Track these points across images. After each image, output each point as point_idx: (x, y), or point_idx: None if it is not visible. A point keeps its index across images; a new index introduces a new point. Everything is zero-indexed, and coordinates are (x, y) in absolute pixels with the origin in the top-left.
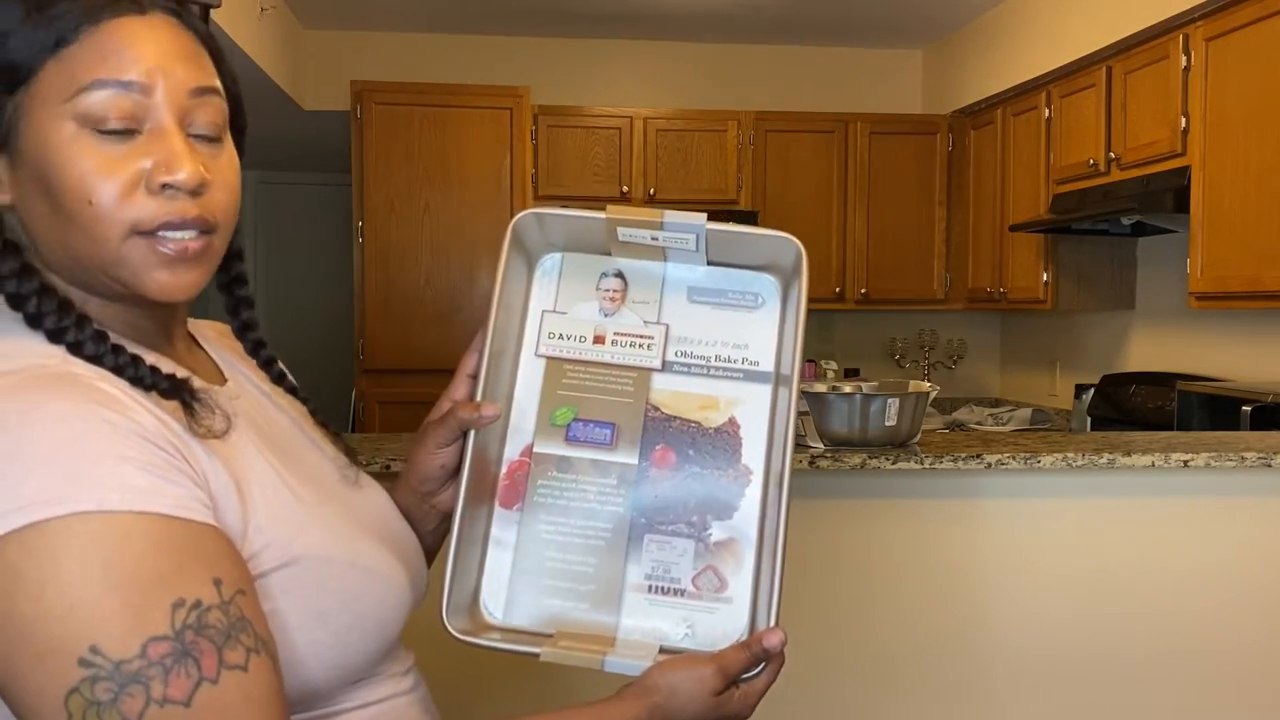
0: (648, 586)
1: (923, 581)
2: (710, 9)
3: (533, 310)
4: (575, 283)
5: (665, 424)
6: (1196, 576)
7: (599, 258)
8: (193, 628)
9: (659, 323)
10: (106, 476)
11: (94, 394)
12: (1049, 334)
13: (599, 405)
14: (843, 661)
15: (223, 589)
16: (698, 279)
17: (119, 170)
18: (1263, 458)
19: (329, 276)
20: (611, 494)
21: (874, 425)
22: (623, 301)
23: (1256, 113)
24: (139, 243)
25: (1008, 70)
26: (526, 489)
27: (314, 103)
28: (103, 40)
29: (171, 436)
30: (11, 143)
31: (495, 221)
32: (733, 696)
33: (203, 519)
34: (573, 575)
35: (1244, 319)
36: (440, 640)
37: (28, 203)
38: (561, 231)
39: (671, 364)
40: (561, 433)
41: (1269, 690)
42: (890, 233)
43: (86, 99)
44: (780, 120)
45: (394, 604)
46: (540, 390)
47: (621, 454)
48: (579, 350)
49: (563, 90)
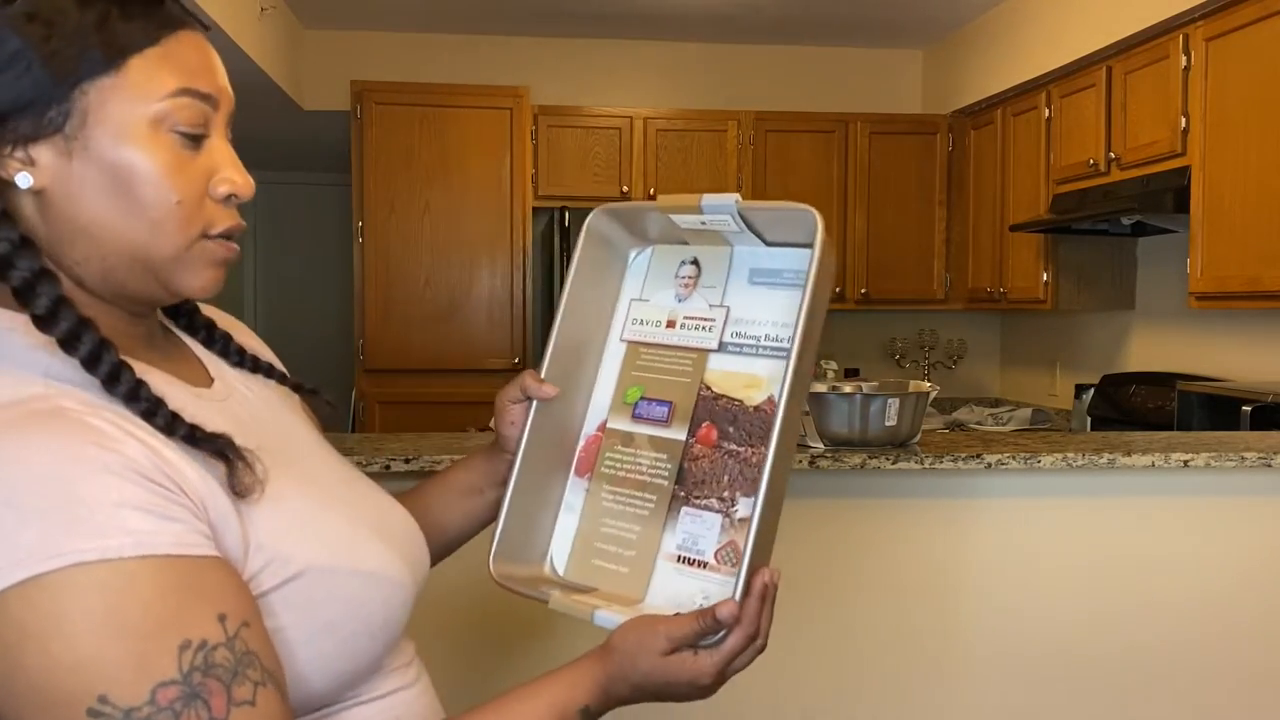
0: (677, 556)
1: (923, 581)
2: (710, 9)
3: (622, 299)
4: (660, 272)
5: (713, 402)
6: (1196, 576)
7: (681, 248)
8: (200, 669)
9: (722, 305)
10: (106, 523)
11: (85, 433)
12: (1049, 334)
13: (662, 385)
14: (842, 661)
15: (228, 624)
16: (758, 260)
17: (193, 174)
18: (1263, 458)
19: (329, 276)
20: (661, 467)
21: (874, 425)
22: (695, 287)
23: (1256, 113)
24: (208, 245)
25: (1008, 70)
26: (597, 461)
27: (314, 103)
28: (183, 49)
29: (164, 466)
30: (71, 129)
31: (495, 221)
32: (686, 659)
33: (204, 551)
34: (620, 541)
35: (1244, 319)
36: (439, 622)
37: (78, 192)
38: (654, 228)
39: (727, 345)
40: (630, 410)
41: (1269, 690)
42: (890, 233)
43: (174, 103)
44: (780, 120)
45: (399, 604)
46: (619, 371)
47: (674, 430)
48: (653, 334)
49: (563, 90)
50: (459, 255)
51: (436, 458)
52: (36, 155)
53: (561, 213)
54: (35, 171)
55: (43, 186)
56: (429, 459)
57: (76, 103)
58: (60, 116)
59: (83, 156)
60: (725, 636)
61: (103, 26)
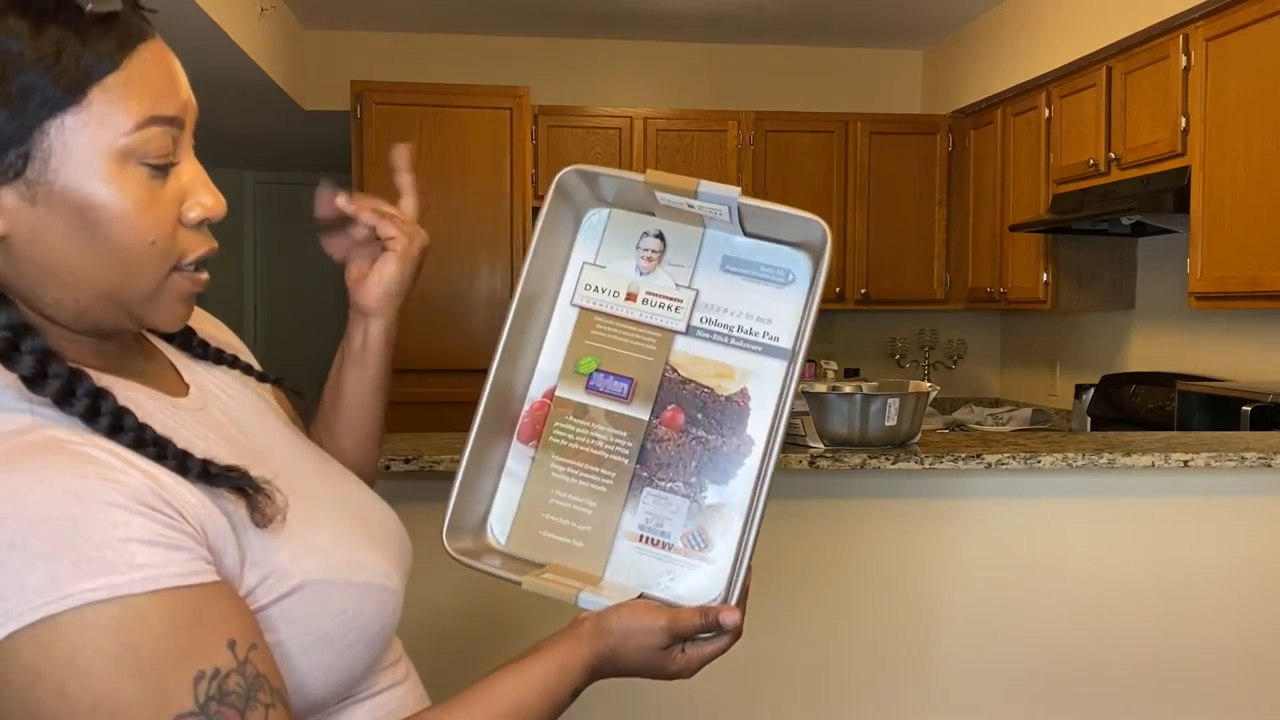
0: (639, 536)
1: (923, 581)
2: (710, 9)
3: (574, 261)
4: (617, 239)
5: (680, 385)
6: (1197, 576)
7: (642, 217)
8: (215, 698)
9: (690, 287)
10: (114, 559)
11: (84, 465)
12: (1049, 334)
13: (621, 359)
14: (842, 660)
15: (237, 650)
16: (733, 249)
17: (166, 206)
18: (1263, 458)
19: (329, 276)
20: (620, 445)
21: (874, 425)
22: (659, 263)
23: (1256, 113)
24: (177, 278)
25: (1008, 70)
26: (544, 429)
27: (314, 103)
28: (144, 70)
29: (164, 493)
30: (32, 173)
31: (495, 221)
32: (676, 655)
33: (209, 578)
34: (573, 515)
35: (1244, 319)
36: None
37: (44, 236)
38: (610, 189)
39: (695, 329)
40: (583, 381)
41: (1269, 689)
42: (890, 233)
43: (141, 135)
44: (780, 120)
45: (391, 609)
46: (570, 338)
47: (635, 409)
48: (610, 305)
49: (563, 90)
50: (459, 255)
51: (436, 458)
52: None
53: None
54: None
55: (6, 233)
56: (429, 459)
57: (37, 144)
58: (20, 160)
59: (47, 200)
60: (716, 636)
61: (59, 58)
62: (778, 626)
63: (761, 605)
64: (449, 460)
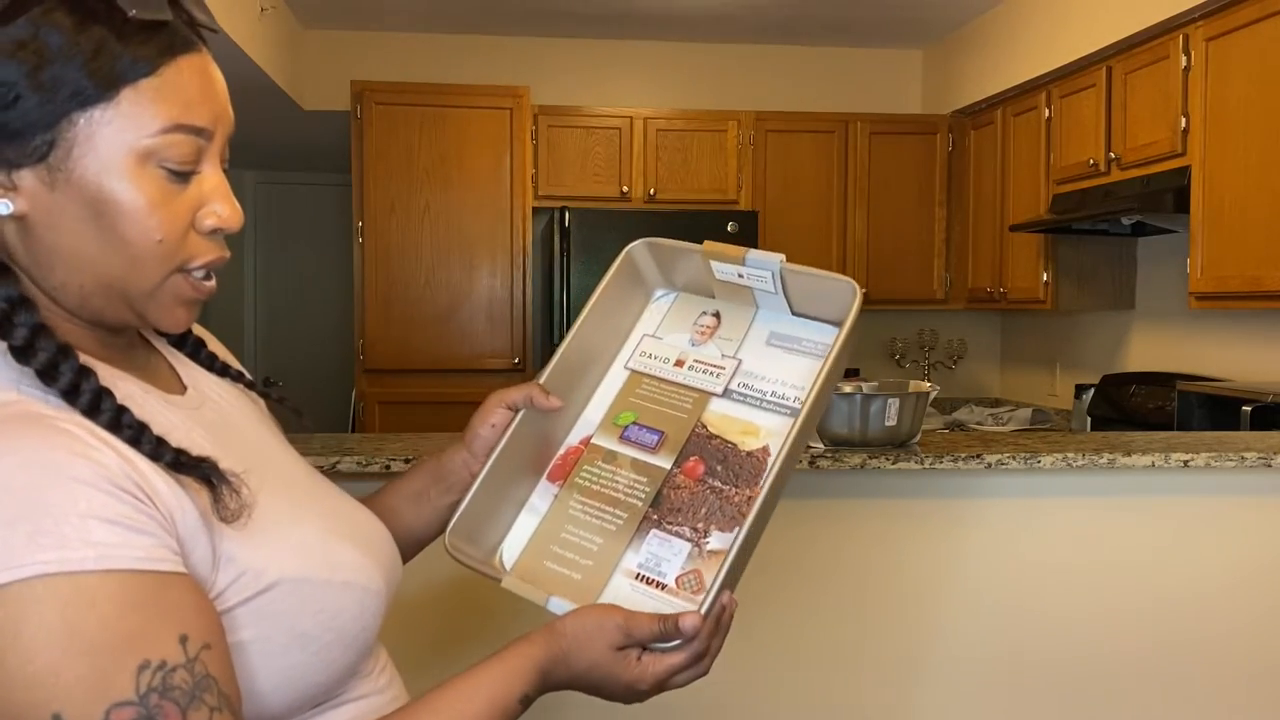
0: (636, 574)
1: (923, 581)
2: (710, 9)
3: (636, 331)
4: (679, 317)
5: (706, 440)
6: (1197, 576)
7: (704, 300)
8: (158, 690)
9: (735, 357)
10: (70, 534)
11: (58, 438)
12: (1049, 334)
13: (657, 415)
14: (842, 660)
15: (189, 645)
16: (780, 326)
17: (181, 210)
18: (1263, 458)
19: (329, 276)
20: (639, 489)
21: (874, 425)
22: (711, 337)
23: (1257, 113)
24: (178, 279)
25: (1008, 70)
26: (573, 471)
27: (314, 103)
28: (180, 79)
29: (136, 477)
30: (55, 159)
31: (495, 221)
32: (632, 659)
33: (170, 568)
34: (579, 549)
35: (1244, 319)
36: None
37: (58, 221)
38: (679, 272)
39: (732, 391)
40: (619, 431)
41: (1269, 689)
42: (890, 233)
43: (164, 140)
44: (780, 120)
45: (373, 612)
46: (616, 395)
47: (660, 458)
48: (659, 369)
49: (563, 90)
50: (459, 255)
51: None
52: (19, 181)
53: (561, 213)
54: (16, 197)
55: (23, 213)
56: None
57: (64, 132)
58: (45, 145)
59: (65, 186)
60: (677, 647)
61: (97, 56)
62: (776, 626)
63: (760, 604)
64: None
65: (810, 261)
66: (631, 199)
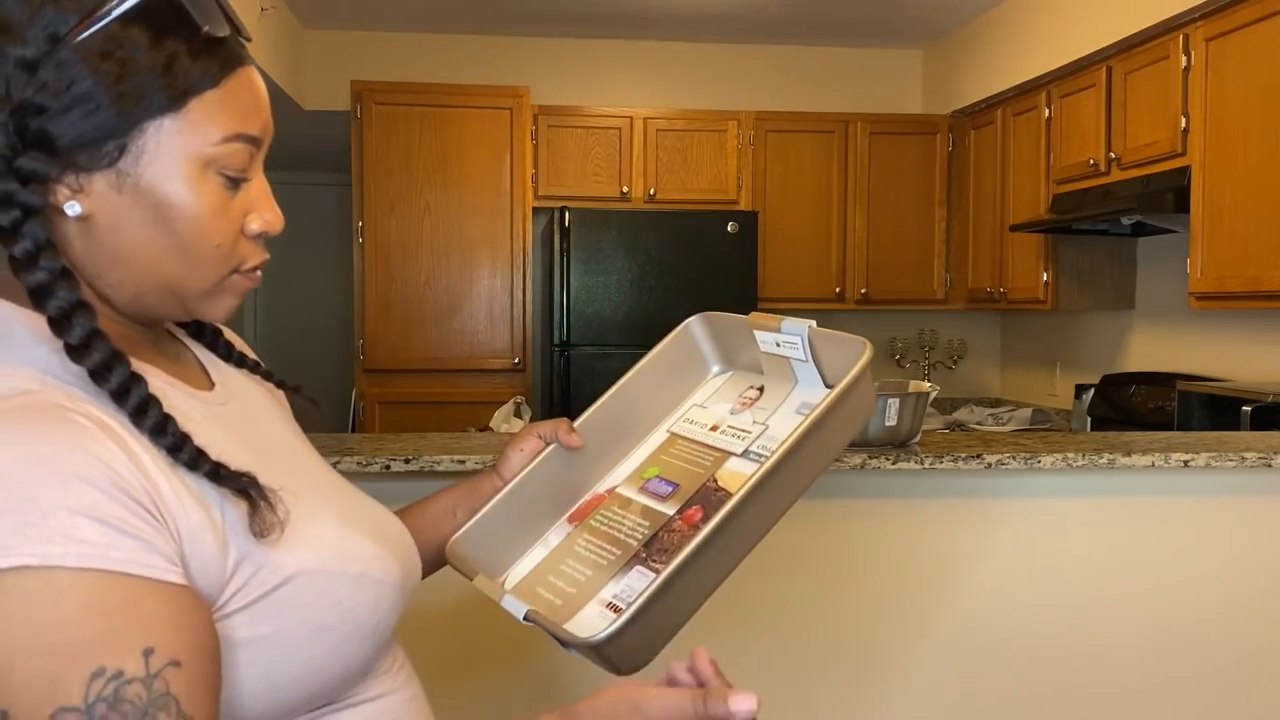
0: (609, 604)
1: (923, 581)
2: (710, 9)
3: (686, 402)
4: (729, 390)
5: (712, 492)
6: (1197, 576)
7: (753, 376)
8: (107, 700)
9: (764, 424)
10: (55, 528)
11: (61, 431)
12: (1049, 334)
13: (679, 470)
14: (841, 661)
15: (151, 660)
16: (813, 397)
17: (234, 215)
18: (1263, 458)
19: (329, 276)
20: (639, 531)
21: (874, 425)
22: (751, 407)
23: (1256, 113)
24: (236, 279)
25: (1008, 70)
26: (591, 514)
27: (314, 103)
28: (240, 90)
29: (142, 480)
30: (124, 164)
31: (495, 221)
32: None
33: (156, 576)
34: (570, 579)
35: (1244, 319)
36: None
37: (122, 223)
38: (736, 347)
39: (750, 452)
40: (641, 483)
41: (1269, 689)
42: (890, 233)
43: (225, 149)
44: (780, 120)
45: (389, 606)
46: (651, 453)
47: (667, 506)
48: (696, 433)
49: (563, 90)
50: (459, 255)
51: (436, 458)
52: (88, 184)
53: (561, 213)
54: (84, 199)
55: (89, 214)
56: (429, 459)
57: (135, 140)
58: (117, 150)
59: (132, 191)
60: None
61: (170, 68)
62: (775, 625)
63: (760, 604)
64: (449, 460)
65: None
66: (631, 199)
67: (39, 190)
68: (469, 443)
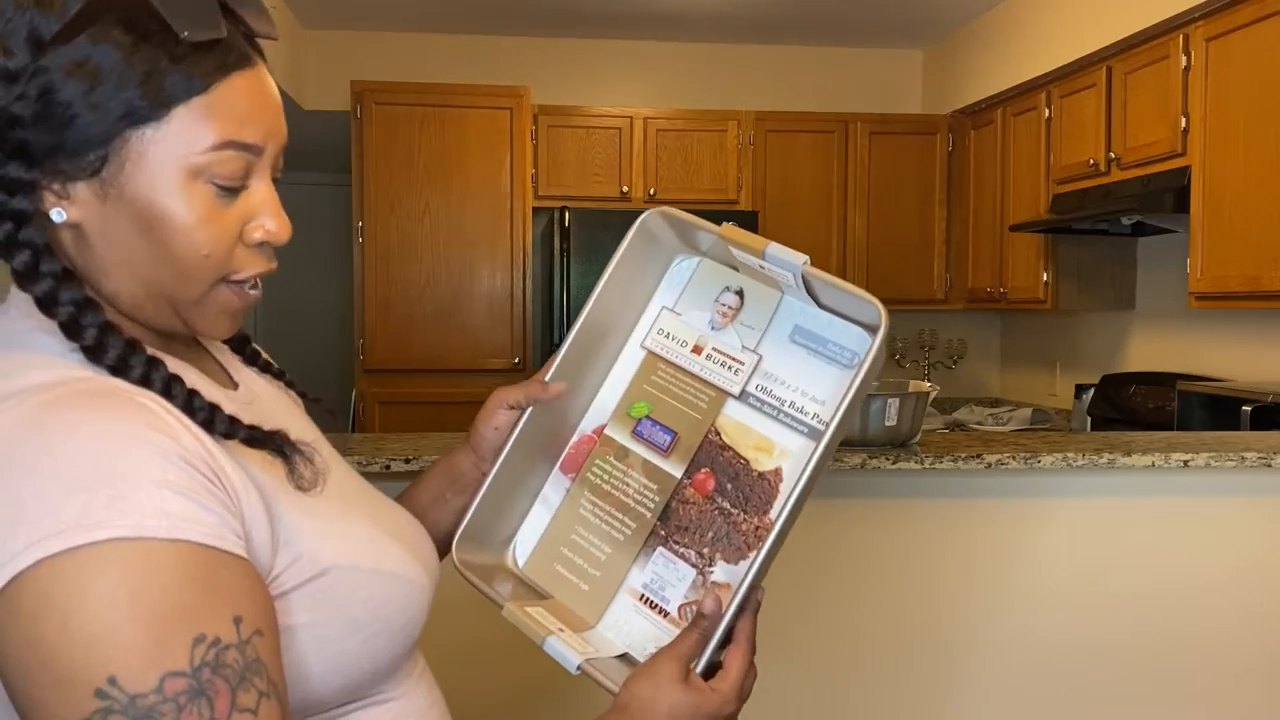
0: (640, 595)
1: (923, 581)
2: (710, 9)
3: (654, 303)
4: (700, 290)
5: (719, 451)
6: (1197, 576)
7: (728, 272)
8: (210, 665)
9: (755, 351)
10: (145, 501)
11: (137, 411)
12: (1049, 334)
13: (672, 411)
14: (841, 660)
15: (241, 628)
16: (806, 320)
17: (226, 224)
18: (1263, 458)
19: (329, 276)
20: (648, 497)
21: (874, 425)
22: (733, 320)
23: (1256, 113)
24: (224, 289)
25: (1008, 70)
26: (585, 463)
27: (314, 103)
28: (232, 96)
29: (208, 458)
30: (108, 174)
31: (495, 221)
32: (703, 689)
33: (232, 549)
34: (587, 556)
35: (1244, 319)
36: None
37: (110, 231)
38: (703, 240)
39: (749, 394)
40: (632, 425)
41: (1269, 689)
42: (890, 233)
43: (215, 157)
44: (780, 120)
45: (417, 606)
46: (631, 379)
47: (671, 464)
48: (676, 354)
49: (563, 90)
50: (459, 255)
51: (436, 458)
52: (73, 192)
53: (561, 213)
54: (70, 207)
55: (77, 222)
56: (429, 459)
57: (116, 149)
58: (99, 161)
59: (116, 201)
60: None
61: (150, 76)
62: (773, 625)
63: None
64: None
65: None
66: (631, 199)
67: (27, 198)
68: None
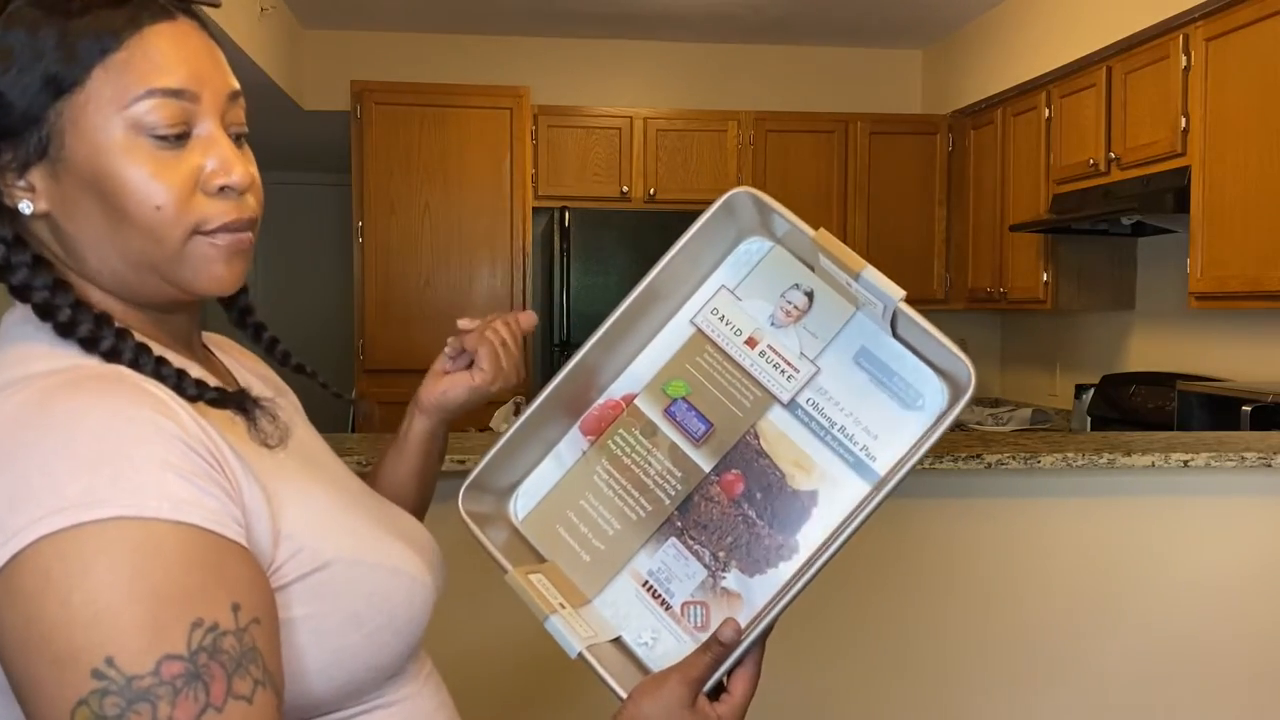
0: (644, 581)
1: (922, 581)
2: (710, 9)
3: (713, 280)
4: (766, 278)
5: (755, 456)
6: (1196, 576)
7: (800, 268)
8: (207, 650)
9: (814, 362)
10: (148, 483)
11: (143, 396)
12: (1049, 334)
13: (711, 399)
14: (840, 660)
15: (240, 615)
16: (875, 344)
17: (177, 174)
18: (1263, 458)
19: (329, 276)
20: (670, 483)
21: None
22: (796, 321)
23: (1256, 113)
24: (200, 241)
25: (1008, 70)
26: (608, 430)
27: (314, 103)
28: (148, 48)
29: (211, 445)
30: (53, 152)
31: (495, 221)
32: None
33: (233, 536)
34: (594, 526)
35: (1244, 319)
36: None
37: (72, 210)
38: (780, 227)
39: (798, 405)
40: (666, 403)
41: (1269, 688)
42: (890, 233)
43: (140, 107)
44: (780, 120)
45: (421, 603)
46: (674, 354)
47: (701, 455)
48: (727, 341)
49: (563, 90)
50: (459, 255)
51: None
52: (33, 181)
53: (561, 213)
54: (35, 198)
55: (46, 210)
56: None
57: (53, 125)
58: (42, 141)
59: (66, 175)
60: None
61: (61, 44)
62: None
63: None
64: (449, 460)
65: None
66: (631, 199)
67: None
68: (469, 443)
